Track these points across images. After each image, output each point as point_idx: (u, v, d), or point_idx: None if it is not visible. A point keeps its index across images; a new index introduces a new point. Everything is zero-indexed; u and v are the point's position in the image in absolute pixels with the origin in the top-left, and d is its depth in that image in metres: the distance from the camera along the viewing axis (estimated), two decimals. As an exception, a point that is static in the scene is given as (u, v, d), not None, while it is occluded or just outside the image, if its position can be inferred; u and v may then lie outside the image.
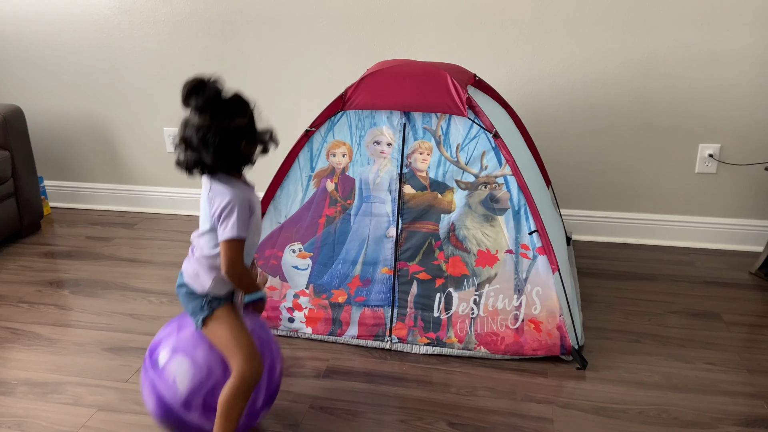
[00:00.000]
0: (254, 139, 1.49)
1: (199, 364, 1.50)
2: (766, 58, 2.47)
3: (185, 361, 1.51)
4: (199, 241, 1.54)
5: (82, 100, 3.19)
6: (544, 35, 2.61)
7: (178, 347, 1.54)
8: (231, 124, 1.43)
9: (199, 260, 1.53)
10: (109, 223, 3.22)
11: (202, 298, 1.53)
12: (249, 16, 2.83)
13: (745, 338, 2.12)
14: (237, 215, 1.45)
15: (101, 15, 2.99)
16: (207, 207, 1.49)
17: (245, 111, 1.47)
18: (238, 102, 1.47)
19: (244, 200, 1.48)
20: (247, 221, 1.48)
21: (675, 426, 1.72)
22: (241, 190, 1.50)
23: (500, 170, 1.94)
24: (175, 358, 1.52)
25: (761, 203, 2.66)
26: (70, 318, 2.33)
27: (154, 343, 1.59)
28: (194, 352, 1.52)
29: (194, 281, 1.54)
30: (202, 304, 1.52)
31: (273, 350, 1.62)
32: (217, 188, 1.48)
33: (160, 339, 1.59)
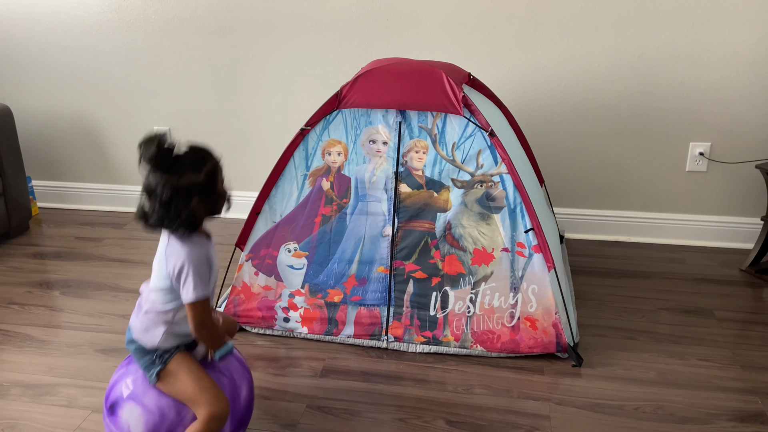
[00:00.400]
0: (209, 197, 1.43)
1: (150, 409, 1.47)
2: (756, 57, 2.50)
3: (136, 408, 1.47)
4: (149, 296, 1.50)
5: (71, 98, 3.15)
6: (537, 35, 2.62)
7: (127, 393, 1.50)
8: (180, 180, 1.38)
9: (149, 314, 1.49)
10: (99, 223, 3.19)
11: (153, 353, 1.49)
12: (240, 14, 2.82)
13: (737, 334, 2.14)
14: (197, 275, 1.41)
15: (90, 13, 2.96)
16: (163, 263, 1.44)
17: (200, 167, 1.40)
18: (193, 158, 1.41)
19: (201, 258, 1.43)
20: (207, 278, 1.44)
21: (670, 422, 1.74)
22: (199, 246, 1.45)
23: (496, 169, 1.95)
24: (126, 406, 1.49)
25: (751, 201, 2.69)
26: (61, 319, 2.30)
27: (108, 389, 1.56)
28: (143, 398, 1.48)
29: (143, 336, 1.49)
30: (153, 359, 1.48)
31: (232, 376, 1.58)
32: (174, 245, 1.43)
33: (113, 384, 1.55)
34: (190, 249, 1.43)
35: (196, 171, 1.40)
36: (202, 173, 1.41)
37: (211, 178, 1.43)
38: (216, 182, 1.44)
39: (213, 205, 1.45)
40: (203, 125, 3.06)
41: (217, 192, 1.45)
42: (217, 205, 1.47)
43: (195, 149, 1.43)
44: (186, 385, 1.46)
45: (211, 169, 1.43)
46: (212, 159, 1.44)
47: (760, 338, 2.12)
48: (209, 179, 1.42)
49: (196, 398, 1.44)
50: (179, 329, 1.50)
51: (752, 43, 2.49)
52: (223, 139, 3.06)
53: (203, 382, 1.46)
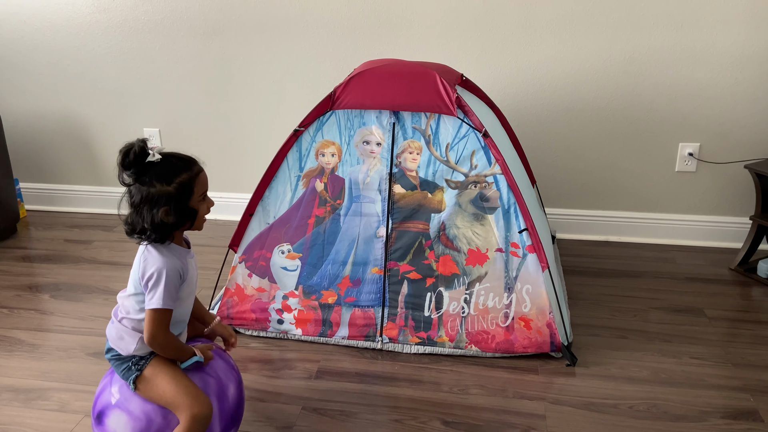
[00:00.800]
0: (180, 210, 1.42)
1: (136, 415, 1.46)
2: (743, 58, 2.53)
3: (122, 416, 1.46)
4: (124, 302, 1.50)
5: (59, 100, 3.12)
6: (528, 36, 2.63)
7: (113, 402, 1.49)
8: (150, 189, 1.39)
9: (123, 322, 1.49)
10: (88, 225, 3.15)
11: (129, 360, 1.48)
12: (232, 15, 2.80)
13: (728, 333, 2.17)
14: (164, 285, 1.40)
15: (79, 13, 2.93)
16: (137, 269, 1.45)
17: (171, 179, 1.40)
18: (167, 168, 1.41)
19: (175, 268, 1.43)
20: (175, 291, 1.43)
21: (665, 420, 1.75)
22: (175, 256, 1.45)
23: (490, 169, 1.95)
24: (112, 414, 1.48)
25: (740, 200, 2.72)
26: (51, 323, 2.27)
27: (95, 398, 1.55)
28: (129, 405, 1.47)
29: (118, 344, 1.49)
30: (130, 366, 1.48)
31: (219, 375, 1.57)
32: (149, 252, 1.44)
33: (99, 393, 1.55)
34: (164, 259, 1.43)
35: (166, 181, 1.40)
36: (173, 184, 1.40)
37: (182, 191, 1.41)
38: (188, 196, 1.42)
39: (184, 219, 1.44)
40: (194, 127, 3.04)
41: (189, 207, 1.43)
42: (187, 220, 1.45)
43: (172, 159, 1.42)
44: (164, 389, 1.45)
45: (184, 181, 1.41)
46: (188, 172, 1.42)
47: (751, 336, 2.14)
48: (179, 192, 1.41)
49: (176, 401, 1.43)
50: None
51: (739, 45, 2.51)
52: (214, 141, 3.05)
53: (181, 384, 1.45)
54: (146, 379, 1.46)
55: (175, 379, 1.45)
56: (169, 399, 1.44)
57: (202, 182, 1.46)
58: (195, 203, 1.45)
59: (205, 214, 1.49)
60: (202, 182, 1.46)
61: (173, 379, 1.45)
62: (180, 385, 1.44)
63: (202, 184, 1.46)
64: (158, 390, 1.45)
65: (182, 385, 1.44)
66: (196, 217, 1.47)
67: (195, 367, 1.50)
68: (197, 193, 1.44)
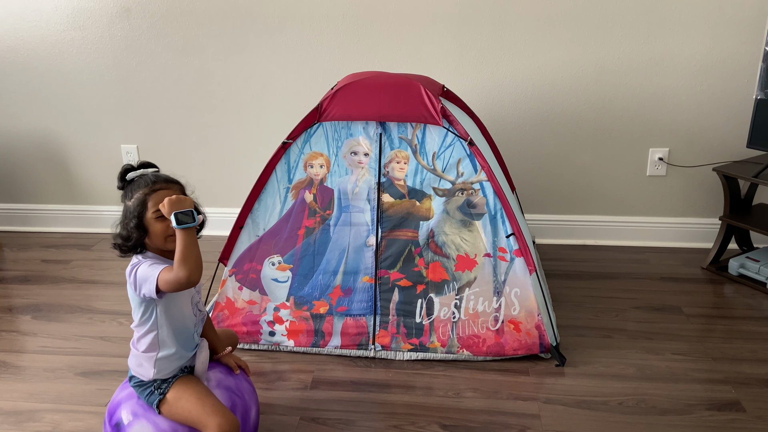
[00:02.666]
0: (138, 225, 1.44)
1: (162, 428, 1.46)
2: (706, 66, 2.65)
3: (147, 426, 1.47)
4: (134, 332, 1.54)
5: (33, 118, 3.07)
6: (502, 49, 2.71)
7: (138, 411, 1.49)
8: (126, 202, 1.48)
9: (136, 350, 1.52)
10: (65, 245, 3.10)
11: (151, 385, 1.50)
12: (211, 30, 2.81)
13: (705, 329, 2.25)
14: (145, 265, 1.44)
15: (52, 31, 2.90)
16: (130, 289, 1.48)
17: (132, 194, 1.46)
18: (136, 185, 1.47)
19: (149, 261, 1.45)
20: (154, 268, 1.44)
21: (653, 414, 1.81)
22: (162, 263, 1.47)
23: (476, 176, 2.00)
24: (136, 423, 1.48)
25: (709, 202, 2.83)
26: (36, 344, 2.23)
27: (113, 405, 1.54)
28: (156, 417, 1.48)
29: (139, 371, 1.52)
30: (152, 390, 1.50)
31: (244, 397, 1.60)
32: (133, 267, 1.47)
33: (119, 401, 1.54)
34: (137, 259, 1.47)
35: (129, 197, 1.47)
36: (132, 200, 1.46)
37: (138, 206, 1.44)
38: (143, 211, 1.44)
39: (138, 234, 1.44)
40: (173, 143, 3.03)
41: (143, 222, 1.44)
42: (141, 236, 1.45)
43: (144, 177, 1.48)
44: (189, 410, 1.46)
45: (140, 197, 1.45)
46: (145, 188, 1.45)
47: (727, 331, 2.23)
48: (136, 207, 1.45)
49: (203, 420, 1.44)
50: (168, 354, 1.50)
51: (703, 53, 2.63)
52: (194, 157, 3.04)
53: (207, 403, 1.46)
54: (170, 402, 1.47)
55: (200, 399, 1.46)
56: (195, 418, 1.45)
57: (157, 200, 1.43)
58: (149, 220, 1.44)
59: (165, 234, 1.45)
60: (156, 200, 1.43)
61: (199, 398, 1.46)
62: (206, 404, 1.45)
63: (156, 203, 1.43)
64: (184, 410, 1.46)
65: (209, 404, 1.46)
66: (146, 234, 1.45)
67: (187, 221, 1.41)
68: (150, 209, 1.44)
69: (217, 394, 1.53)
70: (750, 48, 2.59)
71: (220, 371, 1.63)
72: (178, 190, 1.50)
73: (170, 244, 1.47)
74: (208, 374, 1.59)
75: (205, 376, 1.57)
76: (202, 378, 1.56)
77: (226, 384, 1.59)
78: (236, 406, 1.54)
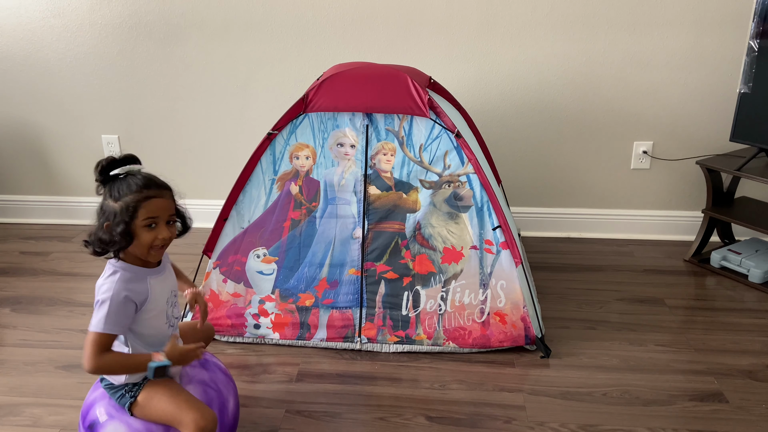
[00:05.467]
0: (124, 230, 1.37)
1: (136, 428, 1.44)
2: (691, 60, 2.66)
3: (120, 427, 1.44)
4: None
5: (11, 108, 3.01)
6: (489, 41, 2.70)
7: (111, 411, 1.47)
8: (104, 201, 1.41)
9: None
10: (44, 237, 3.05)
11: (122, 388, 1.47)
12: (194, 19, 2.77)
13: (687, 320, 2.27)
14: (108, 309, 1.37)
15: (31, 18, 2.84)
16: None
17: (120, 196, 1.38)
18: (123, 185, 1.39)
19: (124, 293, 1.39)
20: (122, 316, 1.39)
21: (637, 405, 1.83)
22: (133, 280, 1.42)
23: (463, 169, 2.00)
24: (109, 424, 1.45)
25: (692, 195, 2.86)
26: (15, 337, 2.19)
27: (86, 406, 1.52)
28: (129, 417, 1.45)
29: (109, 376, 1.48)
30: (123, 393, 1.46)
31: (219, 388, 1.57)
32: (105, 274, 1.42)
33: (92, 401, 1.51)
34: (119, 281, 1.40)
35: (115, 198, 1.39)
36: (119, 202, 1.38)
37: (128, 212, 1.37)
38: (131, 218, 1.38)
39: (121, 240, 1.38)
40: (155, 133, 2.99)
41: (131, 229, 1.39)
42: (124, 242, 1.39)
43: (135, 179, 1.40)
44: (162, 409, 1.43)
45: (129, 203, 1.38)
46: (137, 194, 1.38)
47: (709, 323, 2.25)
48: (124, 212, 1.37)
49: (177, 417, 1.41)
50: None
51: (687, 48, 2.65)
52: (176, 148, 3.00)
53: (181, 399, 1.43)
54: (141, 404, 1.44)
55: (173, 396, 1.43)
56: (170, 416, 1.41)
57: (150, 209, 1.39)
58: (137, 228, 1.39)
59: (151, 243, 1.41)
60: (149, 209, 1.39)
61: (171, 396, 1.43)
62: (180, 401, 1.42)
63: (149, 211, 1.39)
64: (157, 410, 1.43)
65: (183, 400, 1.43)
66: (132, 242, 1.40)
67: (164, 373, 1.42)
68: (141, 217, 1.38)
69: (190, 390, 1.50)
70: (734, 42, 2.61)
71: (191, 366, 1.58)
72: (169, 197, 1.44)
73: (153, 254, 1.43)
74: (181, 369, 1.55)
75: (178, 373, 1.54)
76: (175, 376, 1.52)
77: (200, 378, 1.55)
78: (212, 400, 1.51)
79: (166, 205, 1.43)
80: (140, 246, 1.41)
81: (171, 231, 1.44)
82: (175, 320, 1.56)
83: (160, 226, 1.42)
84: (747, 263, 2.52)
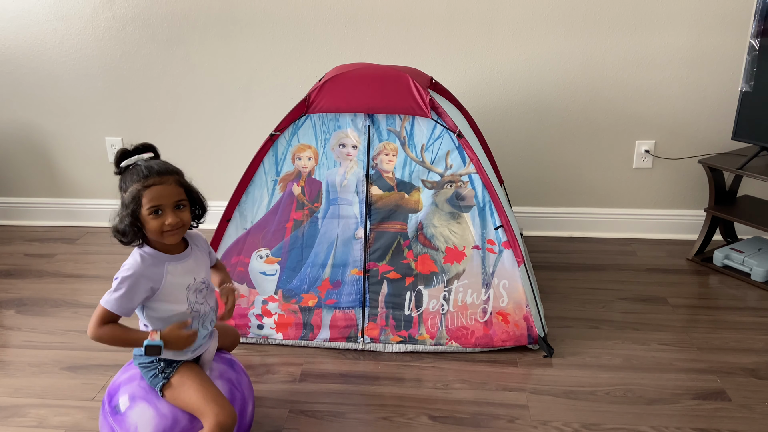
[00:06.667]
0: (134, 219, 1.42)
1: (163, 413, 1.46)
2: (692, 59, 2.67)
3: (148, 410, 1.46)
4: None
5: (16, 110, 3.03)
6: (490, 41, 2.71)
7: (139, 394, 1.49)
8: (122, 192, 1.44)
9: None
10: (48, 239, 3.06)
11: (156, 368, 1.50)
12: (196, 21, 2.78)
13: (690, 319, 2.27)
14: (118, 287, 1.41)
15: (35, 21, 2.85)
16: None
17: (126, 186, 1.43)
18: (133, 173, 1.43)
19: (141, 277, 1.43)
20: (132, 297, 1.42)
21: (640, 403, 1.83)
22: (153, 264, 1.45)
23: (465, 169, 2.00)
24: (137, 406, 1.47)
25: (694, 194, 2.86)
26: (20, 338, 2.20)
27: (113, 387, 1.53)
28: (158, 400, 1.48)
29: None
30: (156, 373, 1.49)
31: (243, 391, 1.60)
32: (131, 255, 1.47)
33: (119, 383, 1.53)
34: (139, 264, 1.44)
35: (123, 189, 1.43)
36: (126, 193, 1.42)
37: (133, 202, 1.41)
38: (137, 207, 1.41)
39: (134, 229, 1.42)
40: (158, 135, 3.00)
41: (140, 218, 1.42)
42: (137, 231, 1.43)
43: (137, 167, 1.43)
44: (190, 396, 1.46)
45: (134, 192, 1.41)
46: (137, 183, 1.40)
47: (711, 322, 2.25)
48: (131, 202, 1.41)
49: (202, 408, 1.44)
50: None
51: (689, 47, 2.65)
52: (179, 149, 3.01)
53: (208, 392, 1.47)
54: (173, 387, 1.48)
55: (202, 387, 1.47)
56: (194, 406, 1.45)
57: (152, 197, 1.40)
58: (144, 216, 1.42)
59: (159, 230, 1.43)
60: (150, 197, 1.40)
61: (200, 386, 1.47)
62: (207, 393, 1.46)
63: (150, 199, 1.40)
64: (185, 397, 1.46)
65: (209, 393, 1.46)
66: (141, 230, 1.44)
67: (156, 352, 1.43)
68: (144, 206, 1.41)
69: (218, 385, 1.54)
70: (735, 40, 2.61)
71: (222, 363, 1.63)
72: (173, 182, 1.44)
73: (168, 238, 1.45)
74: (212, 364, 1.60)
75: (210, 366, 1.58)
76: (206, 367, 1.57)
77: (228, 376, 1.60)
78: (236, 399, 1.55)
79: (169, 191, 1.43)
80: (151, 233, 1.44)
81: (180, 216, 1.45)
82: (204, 309, 1.54)
83: (165, 213, 1.43)
84: (750, 262, 2.52)
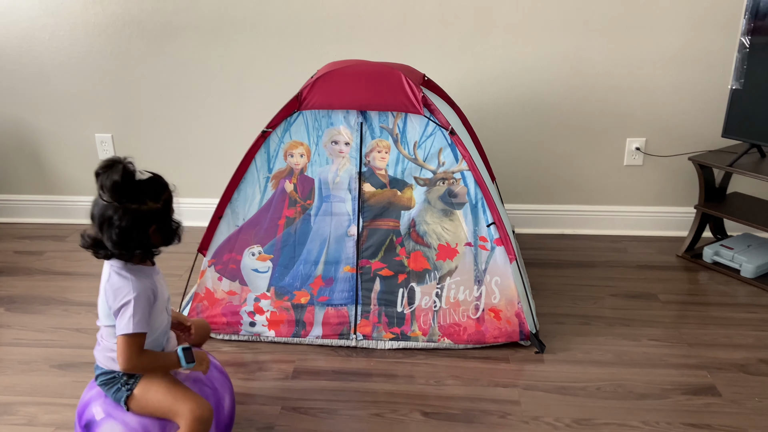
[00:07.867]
0: (165, 226, 1.43)
1: (132, 426, 1.44)
2: (683, 58, 2.68)
3: (116, 426, 1.44)
4: (102, 330, 1.49)
5: (4, 106, 3.00)
6: (483, 38, 2.71)
7: (107, 410, 1.47)
8: (141, 207, 1.37)
9: (107, 348, 1.48)
10: (38, 236, 3.04)
11: (118, 382, 1.47)
12: (188, 18, 2.77)
13: (680, 315, 2.29)
14: (134, 309, 1.39)
15: (25, 17, 2.83)
16: (104, 299, 1.43)
17: (159, 195, 1.41)
18: (153, 185, 1.41)
19: (146, 290, 1.42)
20: (147, 313, 1.42)
21: (631, 399, 1.84)
22: (144, 276, 1.44)
23: (457, 166, 2.01)
24: (105, 424, 1.45)
25: (684, 191, 2.88)
26: (10, 336, 2.19)
27: (82, 406, 1.52)
28: (125, 415, 1.45)
29: (109, 364, 1.48)
30: (119, 387, 1.47)
31: (214, 385, 1.58)
32: (114, 281, 1.41)
33: (88, 400, 1.51)
34: (135, 280, 1.41)
35: (156, 199, 1.40)
36: (161, 201, 1.41)
37: (167, 206, 1.44)
38: (171, 211, 1.45)
39: (168, 234, 1.45)
40: (149, 132, 2.98)
41: (172, 221, 1.46)
42: (171, 235, 1.46)
43: (154, 177, 1.42)
44: (159, 400, 1.44)
45: (168, 197, 1.44)
46: (168, 187, 1.45)
47: (701, 317, 2.27)
48: (166, 207, 1.43)
49: (174, 408, 1.42)
50: None
51: (679, 46, 2.66)
52: (169, 146, 3.00)
53: (177, 390, 1.45)
54: (138, 397, 1.45)
55: (169, 388, 1.45)
56: (166, 408, 1.43)
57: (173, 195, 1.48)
58: (174, 216, 1.47)
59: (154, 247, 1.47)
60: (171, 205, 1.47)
61: (167, 388, 1.45)
62: (177, 392, 1.44)
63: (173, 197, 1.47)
64: (153, 402, 1.44)
65: (179, 391, 1.44)
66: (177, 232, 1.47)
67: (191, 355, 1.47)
68: (173, 206, 1.46)
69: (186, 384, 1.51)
70: (725, 38, 2.63)
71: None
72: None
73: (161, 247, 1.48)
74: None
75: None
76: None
77: (195, 376, 1.56)
78: (208, 397, 1.51)
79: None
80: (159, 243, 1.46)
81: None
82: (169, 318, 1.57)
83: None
84: (739, 258, 2.54)
